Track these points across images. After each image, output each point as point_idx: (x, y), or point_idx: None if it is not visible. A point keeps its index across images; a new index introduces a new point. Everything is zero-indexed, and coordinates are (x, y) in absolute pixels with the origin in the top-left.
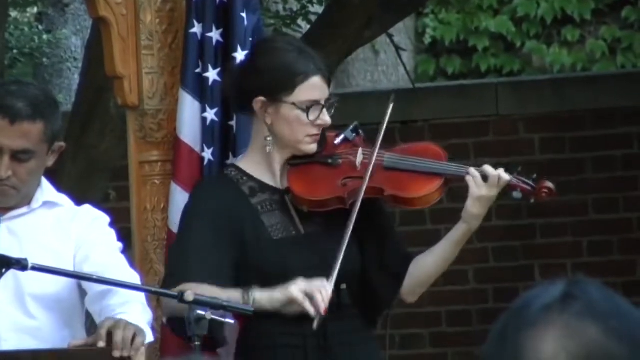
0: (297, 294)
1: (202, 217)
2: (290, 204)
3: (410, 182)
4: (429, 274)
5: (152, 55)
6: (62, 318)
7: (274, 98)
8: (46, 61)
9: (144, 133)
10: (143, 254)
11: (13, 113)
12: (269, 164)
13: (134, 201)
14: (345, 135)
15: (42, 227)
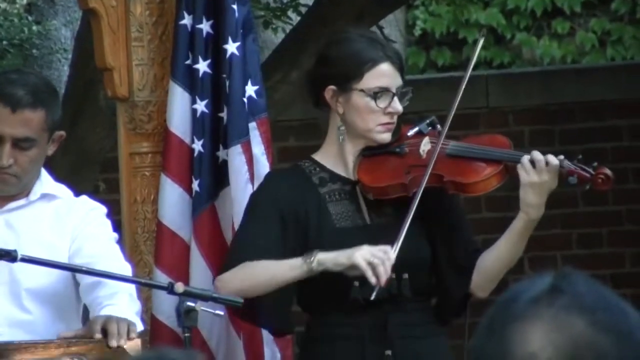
0: (360, 261)
1: (265, 204)
2: (360, 195)
3: (469, 168)
4: (495, 268)
5: (142, 47)
6: (57, 312)
7: (344, 86)
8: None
9: (134, 125)
10: (133, 245)
11: (14, 101)
12: (342, 155)
13: (124, 193)
14: (420, 128)
15: (40, 221)
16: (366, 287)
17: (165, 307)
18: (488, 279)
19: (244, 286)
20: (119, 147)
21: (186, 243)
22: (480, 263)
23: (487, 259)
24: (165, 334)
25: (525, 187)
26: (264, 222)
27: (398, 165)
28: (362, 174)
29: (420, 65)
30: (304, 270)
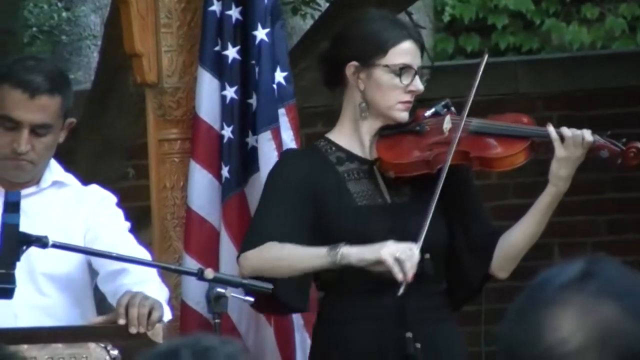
0: (386, 257)
1: (284, 183)
2: (378, 174)
3: (496, 145)
4: (519, 246)
5: (171, 33)
6: (73, 297)
7: (367, 62)
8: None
9: (162, 111)
10: (162, 232)
11: (33, 87)
12: (358, 134)
13: (153, 179)
14: (436, 109)
15: (52, 207)
16: (385, 292)
17: (195, 293)
18: (510, 258)
19: (267, 267)
20: (148, 134)
21: (215, 229)
22: (503, 242)
23: (510, 237)
24: (194, 320)
25: (560, 160)
26: (284, 201)
27: (420, 143)
28: (383, 151)
29: (448, 51)
30: (327, 262)
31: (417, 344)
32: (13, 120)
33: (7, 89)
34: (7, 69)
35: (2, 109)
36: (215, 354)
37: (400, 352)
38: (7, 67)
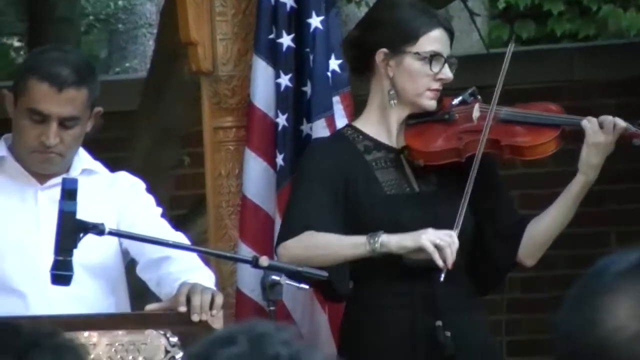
0: (427, 244)
1: (317, 172)
2: (405, 163)
3: (526, 133)
4: (547, 234)
5: (226, 22)
6: (108, 286)
7: (397, 49)
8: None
9: (217, 99)
10: (217, 219)
11: (60, 80)
12: (386, 123)
13: (208, 167)
14: (463, 97)
15: (82, 194)
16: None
17: (250, 280)
18: (538, 245)
19: (306, 255)
20: (203, 122)
21: (270, 217)
22: (530, 230)
23: (538, 225)
24: (250, 308)
25: (590, 148)
26: (318, 190)
27: (449, 132)
28: (411, 140)
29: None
30: (366, 250)
31: (447, 332)
32: (41, 114)
33: (34, 82)
34: (33, 61)
35: (30, 103)
36: (270, 340)
37: (430, 340)
38: (33, 59)
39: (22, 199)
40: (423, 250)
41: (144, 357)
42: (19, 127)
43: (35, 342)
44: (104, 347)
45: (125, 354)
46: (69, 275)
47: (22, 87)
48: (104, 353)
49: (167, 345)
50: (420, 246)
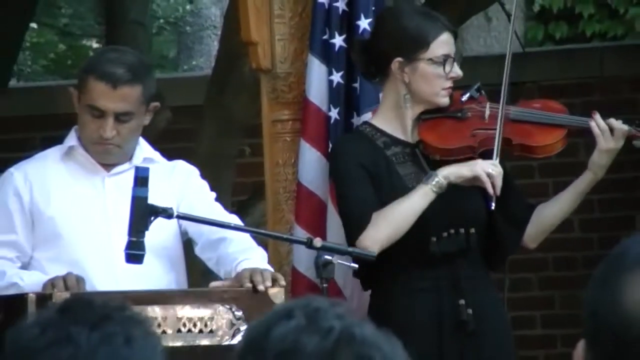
0: (480, 173)
1: (351, 164)
2: (421, 156)
3: (536, 132)
4: (552, 221)
5: (284, 23)
6: (169, 263)
7: (411, 57)
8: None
9: (276, 94)
10: (275, 204)
11: (115, 79)
12: (401, 120)
13: (267, 157)
14: (471, 93)
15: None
16: (443, 242)
17: (305, 260)
18: (542, 230)
19: (392, 230)
20: (262, 115)
21: (323, 202)
22: (538, 216)
23: (546, 213)
24: (304, 284)
25: (602, 152)
26: (359, 179)
27: (462, 129)
28: (427, 135)
29: (538, 38)
30: (433, 192)
31: (469, 310)
32: (99, 109)
33: (92, 80)
34: (92, 61)
35: (89, 99)
36: (325, 314)
37: (454, 318)
38: (92, 60)
39: (91, 185)
40: (477, 179)
41: (210, 329)
42: (82, 121)
43: (107, 314)
44: (174, 320)
45: (194, 327)
46: (141, 254)
47: (83, 86)
48: (175, 325)
49: (233, 318)
50: (475, 175)
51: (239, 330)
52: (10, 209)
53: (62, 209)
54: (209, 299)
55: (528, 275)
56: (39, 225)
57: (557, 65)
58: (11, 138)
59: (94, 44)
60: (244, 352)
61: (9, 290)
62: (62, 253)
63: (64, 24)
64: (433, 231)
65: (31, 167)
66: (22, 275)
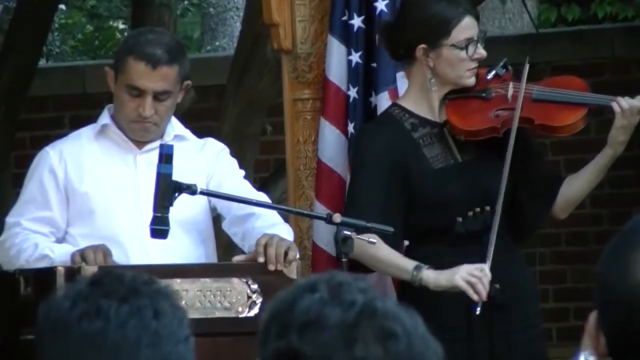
0: (460, 283)
1: (369, 158)
2: (448, 135)
3: (557, 112)
4: (578, 194)
5: (304, 5)
6: (198, 237)
7: (434, 44)
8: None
9: (296, 74)
10: (296, 181)
11: (155, 60)
12: (428, 101)
13: (288, 134)
14: (496, 71)
15: (175, 158)
16: (468, 221)
17: (325, 235)
18: (570, 202)
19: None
20: (283, 94)
21: (342, 179)
22: (566, 189)
23: (572, 186)
24: (324, 259)
25: (619, 129)
26: (373, 176)
27: (486, 109)
28: (452, 116)
29: (551, 20)
30: (409, 278)
31: (497, 285)
32: (138, 89)
33: (132, 61)
34: (131, 42)
35: (128, 79)
36: (348, 287)
37: None
38: (131, 40)
39: (124, 162)
40: (457, 288)
41: (229, 301)
42: (119, 101)
43: (135, 288)
44: (195, 293)
45: (213, 299)
46: (165, 229)
47: (121, 66)
48: (194, 297)
49: (249, 291)
50: (454, 285)
51: (255, 303)
52: (46, 186)
53: (95, 185)
54: (226, 272)
55: (541, 249)
56: (73, 201)
57: (569, 46)
58: (41, 117)
59: (120, 25)
60: (268, 323)
61: (41, 261)
62: (95, 229)
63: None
64: (458, 211)
65: (66, 145)
66: (52, 248)
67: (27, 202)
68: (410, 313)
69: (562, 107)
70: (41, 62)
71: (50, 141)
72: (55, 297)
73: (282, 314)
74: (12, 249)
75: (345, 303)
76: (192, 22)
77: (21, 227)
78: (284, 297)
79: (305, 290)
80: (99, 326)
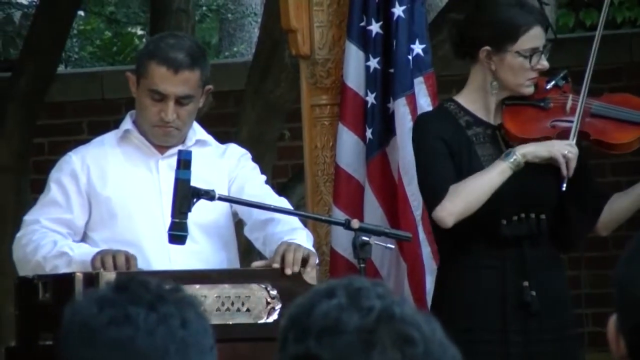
0: (557, 155)
1: (432, 141)
2: (500, 139)
3: (615, 129)
4: (625, 212)
5: (322, 11)
6: (220, 242)
7: (499, 48)
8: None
9: (314, 79)
10: (314, 186)
11: (176, 64)
12: (485, 101)
13: (306, 140)
14: (556, 81)
15: (197, 163)
16: (513, 225)
17: (343, 241)
18: (615, 220)
19: (467, 204)
20: (301, 100)
21: (361, 184)
22: (612, 205)
23: (619, 203)
24: (342, 265)
25: None
26: (440, 156)
27: (543, 119)
28: (509, 122)
29: (569, 25)
30: (510, 169)
31: (533, 292)
32: (160, 93)
33: (154, 65)
34: (152, 47)
35: (150, 84)
36: (366, 293)
37: (518, 298)
38: (152, 45)
39: (146, 167)
40: (553, 159)
41: (247, 307)
42: (141, 105)
43: (161, 295)
44: (213, 299)
45: (232, 305)
46: (184, 235)
47: (143, 71)
48: (213, 303)
49: (268, 297)
50: (552, 156)
51: (274, 309)
52: (67, 189)
53: (118, 190)
54: (245, 278)
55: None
56: (95, 206)
57: (587, 51)
58: (59, 123)
59: (139, 31)
60: (287, 328)
61: (59, 258)
62: (117, 233)
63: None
64: (504, 214)
65: (89, 151)
66: (72, 246)
67: (47, 204)
68: (428, 318)
69: (620, 125)
70: (60, 68)
71: (68, 147)
72: (81, 301)
73: (301, 319)
74: (29, 245)
75: (363, 308)
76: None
77: (40, 225)
78: (303, 303)
79: (323, 296)
80: (128, 332)
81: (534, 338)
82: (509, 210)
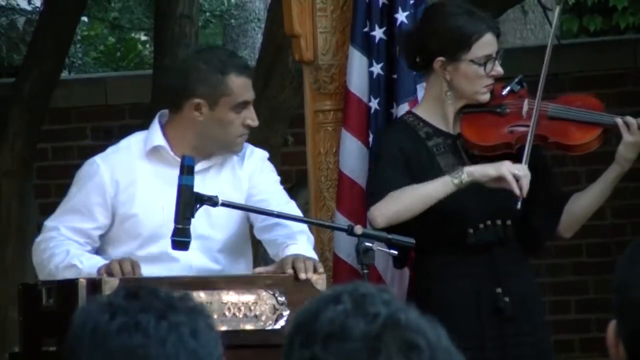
0: (507, 174)
1: (391, 148)
2: (461, 148)
3: (572, 131)
4: (584, 212)
5: (326, 16)
6: (239, 252)
7: (453, 57)
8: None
9: (318, 85)
10: (317, 192)
11: (249, 70)
12: (443, 112)
13: (309, 146)
14: (511, 87)
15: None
16: (479, 233)
17: (346, 246)
18: (575, 220)
19: (401, 208)
20: (305, 105)
21: (363, 190)
22: (572, 207)
23: (578, 203)
24: (345, 271)
25: (628, 145)
26: (394, 162)
27: (501, 125)
28: (467, 130)
29: (573, 31)
30: (454, 185)
31: (506, 298)
32: (247, 102)
33: (235, 78)
34: (217, 64)
35: (237, 98)
36: (372, 299)
37: (492, 305)
38: (215, 62)
39: (175, 184)
40: (502, 179)
41: (254, 314)
42: (224, 123)
43: (172, 304)
44: (219, 305)
45: (238, 312)
46: (187, 241)
47: (222, 89)
48: (220, 309)
49: (276, 303)
50: (501, 175)
51: (281, 315)
52: (92, 199)
53: (145, 208)
54: (252, 284)
55: (562, 261)
56: (120, 220)
57: (591, 56)
58: (63, 128)
59: (142, 36)
60: (293, 334)
61: (69, 270)
62: (139, 249)
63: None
64: (470, 223)
65: (118, 161)
66: (82, 259)
67: (69, 211)
68: (433, 325)
69: (577, 126)
70: (63, 74)
71: (72, 152)
72: (91, 308)
73: (306, 325)
74: (46, 252)
75: (369, 314)
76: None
77: (58, 232)
78: (308, 308)
79: (329, 302)
80: (140, 340)
81: (510, 342)
82: (474, 218)
